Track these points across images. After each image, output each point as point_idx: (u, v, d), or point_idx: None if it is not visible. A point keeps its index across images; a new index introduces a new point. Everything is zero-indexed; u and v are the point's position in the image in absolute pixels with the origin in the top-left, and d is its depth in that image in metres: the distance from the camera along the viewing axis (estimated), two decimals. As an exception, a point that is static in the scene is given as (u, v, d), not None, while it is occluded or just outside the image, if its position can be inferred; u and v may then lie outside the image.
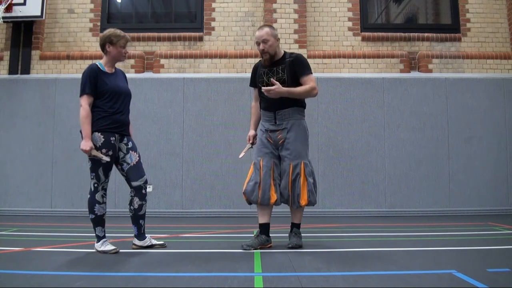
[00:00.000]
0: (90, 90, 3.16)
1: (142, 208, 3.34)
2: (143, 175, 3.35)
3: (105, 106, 3.20)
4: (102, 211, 3.24)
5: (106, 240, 3.25)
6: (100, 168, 3.19)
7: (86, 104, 3.15)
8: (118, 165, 3.33)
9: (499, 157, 6.28)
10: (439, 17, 7.21)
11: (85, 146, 3.10)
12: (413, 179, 6.20)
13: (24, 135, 6.28)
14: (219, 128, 6.29)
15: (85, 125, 3.12)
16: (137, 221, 3.37)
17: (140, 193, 3.33)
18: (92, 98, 3.19)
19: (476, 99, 6.39)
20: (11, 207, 6.16)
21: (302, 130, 3.44)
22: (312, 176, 3.43)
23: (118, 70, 3.45)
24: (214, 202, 6.15)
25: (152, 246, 3.39)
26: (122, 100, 3.29)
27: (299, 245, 3.39)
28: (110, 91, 3.21)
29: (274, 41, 3.42)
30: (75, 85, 6.41)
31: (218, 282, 2.38)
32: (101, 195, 3.23)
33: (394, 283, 2.32)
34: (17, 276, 2.52)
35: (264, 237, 3.42)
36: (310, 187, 3.38)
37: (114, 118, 3.21)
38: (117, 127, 3.24)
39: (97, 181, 3.21)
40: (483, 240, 3.89)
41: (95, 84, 3.18)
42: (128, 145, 3.33)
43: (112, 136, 3.20)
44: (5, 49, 6.60)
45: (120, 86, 3.32)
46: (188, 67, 6.56)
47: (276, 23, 6.56)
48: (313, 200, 3.41)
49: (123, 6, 7.18)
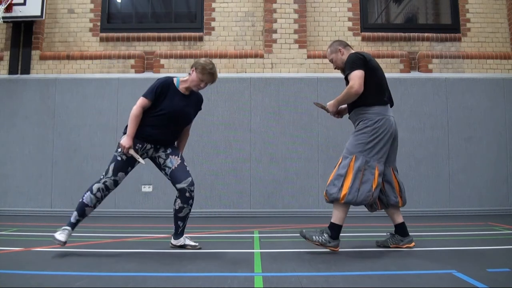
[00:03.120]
0: (151, 98, 3.20)
1: (183, 210, 3.31)
2: (188, 176, 3.30)
3: (152, 118, 3.21)
4: (89, 202, 3.19)
5: (67, 231, 3.18)
6: (114, 163, 3.21)
7: (140, 105, 3.20)
8: (162, 170, 3.35)
9: (499, 157, 6.29)
10: (439, 17, 7.21)
11: (126, 143, 3.15)
12: (413, 179, 6.19)
13: (24, 135, 6.28)
14: (219, 128, 6.29)
15: (132, 123, 3.18)
16: (176, 221, 3.36)
17: (184, 196, 3.28)
18: (150, 103, 3.21)
19: (476, 99, 6.39)
20: (11, 207, 6.16)
21: (359, 127, 3.28)
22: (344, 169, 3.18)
23: (195, 94, 3.40)
24: (214, 202, 6.15)
25: (184, 246, 3.38)
26: (174, 122, 3.27)
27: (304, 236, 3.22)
28: (166, 109, 3.21)
29: (336, 56, 3.46)
30: (75, 85, 6.46)
31: (218, 282, 2.38)
32: (98, 187, 3.20)
33: (394, 283, 2.32)
34: (17, 276, 2.52)
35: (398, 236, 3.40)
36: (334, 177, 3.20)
37: (152, 132, 3.23)
38: (152, 140, 3.26)
39: (104, 174, 3.22)
40: (483, 240, 3.89)
41: (159, 96, 3.21)
42: (167, 151, 3.33)
43: (140, 143, 3.24)
44: (5, 49, 6.60)
45: (183, 110, 3.28)
46: (188, 67, 6.56)
47: (276, 23, 6.56)
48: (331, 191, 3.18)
49: (123, 6, 7.18)
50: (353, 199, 3.14)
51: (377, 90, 3.33)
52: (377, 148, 3.23)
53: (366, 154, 3.21)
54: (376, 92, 3.31)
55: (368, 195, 3.16)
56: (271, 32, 6.57)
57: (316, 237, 3.17)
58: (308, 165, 6.17)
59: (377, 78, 3.36)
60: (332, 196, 3.18)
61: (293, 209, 6.11)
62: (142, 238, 4.11)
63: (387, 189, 3.39)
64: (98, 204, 3.24)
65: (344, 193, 3.14)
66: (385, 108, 3.33)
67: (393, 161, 3.47)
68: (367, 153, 3.21)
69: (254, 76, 6.43)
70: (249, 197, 6.17)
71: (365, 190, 3.16)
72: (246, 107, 6.34)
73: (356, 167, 3.17)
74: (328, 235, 3.17)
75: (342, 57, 3.45)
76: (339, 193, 3.15)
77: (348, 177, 3.16)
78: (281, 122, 6.30)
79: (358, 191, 3.14)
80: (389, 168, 3.41)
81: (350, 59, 3.31)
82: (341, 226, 3.21)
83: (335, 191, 3.16)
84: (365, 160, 3.19)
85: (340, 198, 3.15)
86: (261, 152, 6.25)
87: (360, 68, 3.24)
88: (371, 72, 3.30)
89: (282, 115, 6.31)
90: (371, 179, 3.18)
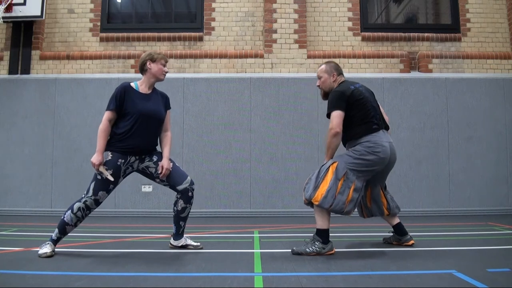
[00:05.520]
0: (114, 107, 3.13)
1: (185, 210, 3.30)
2: (186, 176, 3.28)
3: (125, 127, 3.13)
4: (70, 221, 3.10)
5: (49, 244, 3.10)
6: (94, 182, 3.11)
7: (106, 119, 3.13)
8: (155, 179, 3.27)
9: (499, 157, 6.29)
10: (439, 17, 7.21)
11: (95, 160, 3.06)
12: (413, 179, 6.20)
13: (24, 135, 6.28)
14: (219, 128, 6.29)
15: (100, 139, 3.09)
16: (178, 222, 3.35)
17: (186, 196, 3.27)
18: (115, 114, 3.15)
19: (476, 99, 6.39)
20: (11, 207, 6.16)
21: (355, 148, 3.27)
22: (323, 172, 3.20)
23: (157, 92, 3.35)
24: (214, 202, 6.15)
25: (186, 246, 3.37)
26: (147, 123, 3.18)
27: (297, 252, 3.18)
28: (135, 113, 3.14)
29: (327, 78, 3.49)
30: (75, 85, 6.46)
31: (218, 282, 2.38)
32: (78, 207, 3.09)
33: (394, 283, 2.32)
34: (17, 276, 2.52)
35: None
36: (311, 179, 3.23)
37: (132, 142, 3.14)
38: (134, 152, 3.18)
39: (85, 193, 3.12)
40: (483, 240, 3.89)
41: (122, 102, 3.14)
42: (154, 159, 3.26)
43: (122, 158, 3.13)
44: (5, 49, 6.60)
45: (150, 108, 3.20)
46: (188, 67, 6.57)
47: (276, 23, 6.56)
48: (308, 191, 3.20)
49: (123, 6, 7.18)
50: (327, 204, 3.11)
51: (363, 121, 3.29)
52: (362, 168, 3.21)
53: (350, 166, 3.20)
54: (362, 123, 3.29)
55: (342, 207, 3.13)
56: (271, 32, 6.57)
57: (309, 249, 3.16)
58: (308, 165, 6.16)
59: (362, 109, 3.30)
60: (307, 194, 3.17)
61: (293, 209, 6.11)
62: (142, 238, 4.11)
63: (373, 207, 3.51)
64: (79, 223, 3.15)
65: (321, 194, 3.11)
66: (377, 135, 3.28)
67: (383, 180, 3.53)
68: (351, 166, 3.20)
69: (254, 76, 6.43)
70: (249, 197, 6.17)
71: (340, 201, 3.13)
72: (246, 107, 6.34)
73: (335, 174, 3.16)
74: (319, 242, 3.17)
75: (332, 83, 3.49)
76: (314, 192, 3.13)
77: (326, 180, 3.16)
78: (281, 122, 6.30)
79: (334, 199, 3.12)
80: (378, 186, 3.49)
81: (331, 98, 3.33)
82: (328, 229, 3.21)
83: (311, 190, 3.16)
84: (346, 171, 3.18)
85: (314, 198, 3.12)
86: (261, 152, 6.25)
87: (339, 109, 3.24)
88: (354, 106, 3.28)
89: (282, 115, 6.31)
90: (346, 192, 3.16)
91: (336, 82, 3.49)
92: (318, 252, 3.14)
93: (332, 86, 3.47)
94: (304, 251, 3.15)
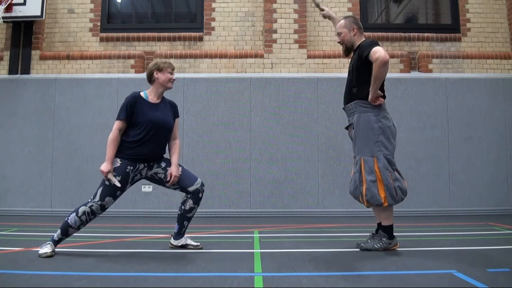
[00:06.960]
0: (124, 117, 3.19)
1: (192, 211, 3.33)
2: (196, 178, 3.32)
3: (136, 137, 3.18)
4: (73, 224, 3.11)
5: (50, 245, 3.10)
6: (102, 187, 3.14)
7: (116, 129, 3.18)
8: (164, 184, 3.31)
9: (499, 157, 6.29)
10: (439, 17, 7.21)
11: (104, 168, 3.09)
12: (413, 179, 6.19)
13: (24, 135, 6.28)
14: (219, 128, 6.29)
15: (110, 148, 3.14)
16: (182, 221, 3.36)
17: (197, 196, 3.30)
18: (125, 124, 3.20)
19: (476, 99, 6.39)
20: (11, 207, 6.16)
21: (364, 123, 3.24)
22: (372, 173, 3.19)
23: (165, 101, 3.40)
24: (214, 202, 6.15)
25: (186, 246, 3.38)
26: (157, 132, 3.23)
27: (366, 248, 3.26)
28: (146, 123, 3.19)
29: (348, 33, 3.42)
30: (75, 85, 6.46)
31: (218, 282, 2.38)
32: (83, 211, 3.11)
33: (394, 283, 2.32)
34: (17, 276, 2.52)
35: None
36: (368, 185, 3.19)
37: (141, 150, 3.18)
38: (143, 159, 3.22)
39: (92, 197, 3.14)
40: (483, 240, 3.89)
41: (132, 112, 3.19)
42: (162, 165, 3.30)
43: (130, 165, 3.17)
44: (5, 49, 6.60)
45: (160, 118, 3.25)
46: (188, 67, 6.57)
47: (276, 23, 6.56)
48: (373, 200, 3.18)
49: (123, 6, 7.18)
50: (394, 200, 3.19)
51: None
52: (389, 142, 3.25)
53: (382, 151, 3.21)
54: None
55: (405, 190, 3.24)
56: (271, 32, 6.57)
57: (377, 245, 3.26)
58: (308, 165, 6.17)
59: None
60: (375, 203, 3.20)
61: (293, 209, 6.12)
62: (142, 238, 4.11)
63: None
64: (82, 227, 3.16)
65: (384, 196, 3.17)
66: (384, 103, 3.31)
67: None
68: (380, 148, 3.21)
69: (254, 76, 6.43)
70: (249, 197, 6.17)
71: (401, 187, 3.22)
72: (246, 107, 6.34)
73: (381, 168, 3.18)
74: (386, 238, 3.26)
75: (352, 37, 3.42)
76: (380, 199, 3.17)
77: (379, 179, 3.18)
78: (281, 122, 6.30)
79: (395, 190, 3.19)
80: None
81: (368, 41, 3.28)
82: (392, 225, 3.29)
83: (377, 198, 3.18)
84: (384, 159, 3.20)
85: (383, 203, 3.18)
86: (261, 152, 6.25)
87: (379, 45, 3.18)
88: None
89: (282, 115, 6.31)
90: (396, 174, 3.24)
91: (356, 36, 3.42)
92: (385, 248, 3.24)
93: (353, 40, 3.41)
94: (372, 247, 3.25)
